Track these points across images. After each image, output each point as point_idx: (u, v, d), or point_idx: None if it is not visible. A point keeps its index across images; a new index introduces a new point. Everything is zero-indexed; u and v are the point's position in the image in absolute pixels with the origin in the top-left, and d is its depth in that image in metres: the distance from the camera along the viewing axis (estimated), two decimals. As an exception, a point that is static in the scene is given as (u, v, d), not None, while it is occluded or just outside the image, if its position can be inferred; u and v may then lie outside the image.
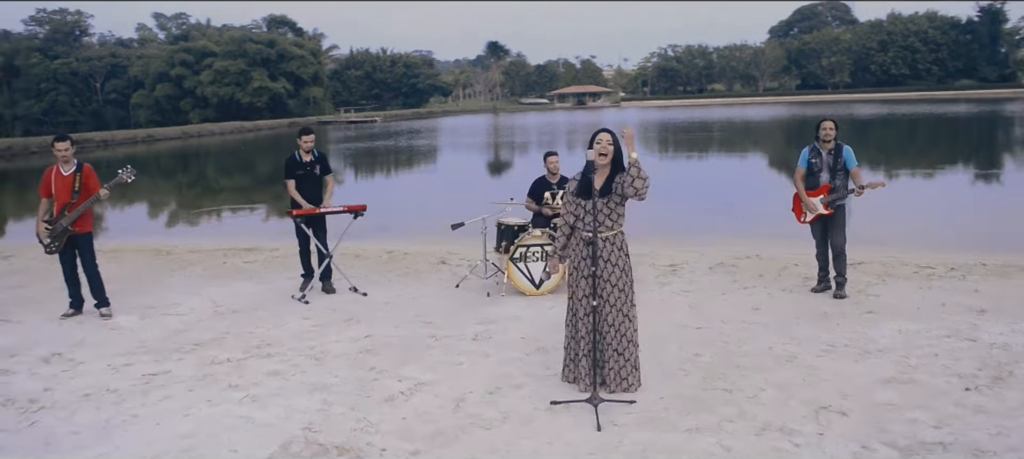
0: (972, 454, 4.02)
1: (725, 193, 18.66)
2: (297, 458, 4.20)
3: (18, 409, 5.06)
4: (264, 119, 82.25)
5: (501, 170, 28.34)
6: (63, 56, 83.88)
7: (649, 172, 4.94)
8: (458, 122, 77.94)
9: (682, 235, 12.52)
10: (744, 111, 73.10)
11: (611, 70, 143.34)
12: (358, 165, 32.55)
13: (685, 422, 4.59)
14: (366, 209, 8.48)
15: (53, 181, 7.42)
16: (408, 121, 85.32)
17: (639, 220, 14.45)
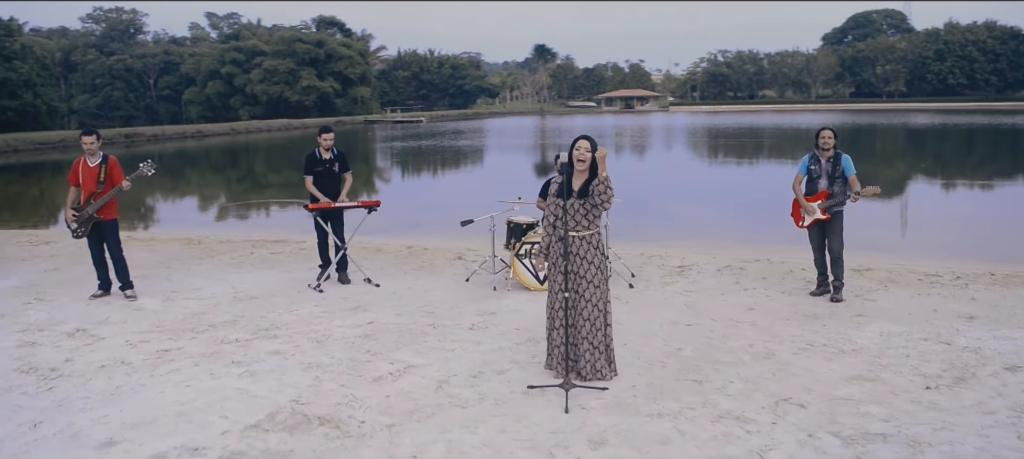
0: (909, 445, 4.22)
1: (758, 198, 18.69)
2: (281, 426, 4.56)
3: (39, 376, 5.53)
4: (312, 117, 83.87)
5: (546, 171, 28.51)
6: (118, 53, 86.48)
7: (615, 186, 5.24)
8: (504, 123, 78.45)
9: (703, 237, 12.70)
10: (795, 118, 72.16)
11: (660, 75, 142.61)
12: (399, 163, 33.15)
13: (649, 408, 4.85)
14: (380, 205, 8.86)
15: (80, 171, 7.92)
16: (454, 122, 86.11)
17: (661, 222, 14.69)
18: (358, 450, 4.24)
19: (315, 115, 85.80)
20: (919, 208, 17.07)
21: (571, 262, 5.36)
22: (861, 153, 33.36)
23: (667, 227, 14.44)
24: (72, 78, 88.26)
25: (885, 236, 12.90)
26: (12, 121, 46.39)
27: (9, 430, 4.53)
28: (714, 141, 42.59)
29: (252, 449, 4.23)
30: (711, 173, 26.37)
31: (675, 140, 44.53)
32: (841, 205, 7.82)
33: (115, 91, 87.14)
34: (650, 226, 14.36)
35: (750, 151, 35.33)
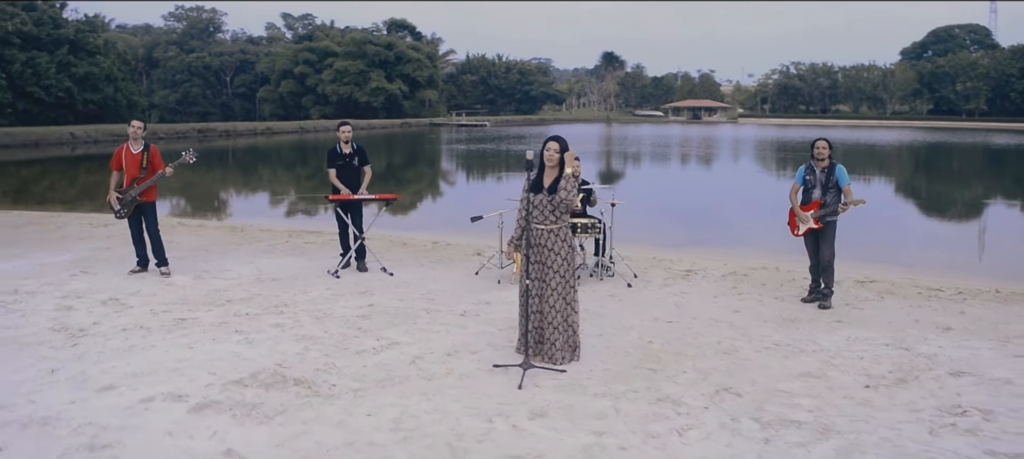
0: (819, 432, 4.55)
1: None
2: (260, 383, 5.15)
3: (68, 334, 6.26)
4: (379, 118, 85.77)
5: (612, 180, 28.72)
6: (197, 50, 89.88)
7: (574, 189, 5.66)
8: (569, 130, 78.77)
9: (730, 246, 12.93)
10: (870, 134, 70.59)
11: (730, 85, 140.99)
12: (461, 165, 33.89)
13: (596, 389, 5.27)
14: (397, 198, 9.44)
15: (123, 157, 8.70)
16: (518, 127, 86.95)
17: (703, 230, 14.93)
18: (321, 408, 4.79)
19: (383, 116, 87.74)
20: (979, 228, 16.91)
21: (539, 252, 5.82)
22: (935, 172, 32.76)
23: (709, 235, 14.66)
24: (154, 74, 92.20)
25: (913, 252, 12.92)
26: (94, 113, 48.97)
27: (30, 374, 5.22)
28: (781, 154, 42.18)
29: (228, 399, 4.82)
30: (766, 185, 26.29)
31: (740, 152, 44.23)
32: (833, 215, 8.06)
33: (193, 87, 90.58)
34: (687, 233, 14.64)
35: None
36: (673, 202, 20.59)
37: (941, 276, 10.29)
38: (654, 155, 39.45)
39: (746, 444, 4.37)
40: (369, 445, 4.25)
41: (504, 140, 55.30)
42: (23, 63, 44.99)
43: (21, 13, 45.58)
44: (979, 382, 5.49)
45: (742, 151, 45.34)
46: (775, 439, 4.44)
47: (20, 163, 32.72)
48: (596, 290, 8.49)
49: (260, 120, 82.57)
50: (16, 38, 44.91)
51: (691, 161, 36.55)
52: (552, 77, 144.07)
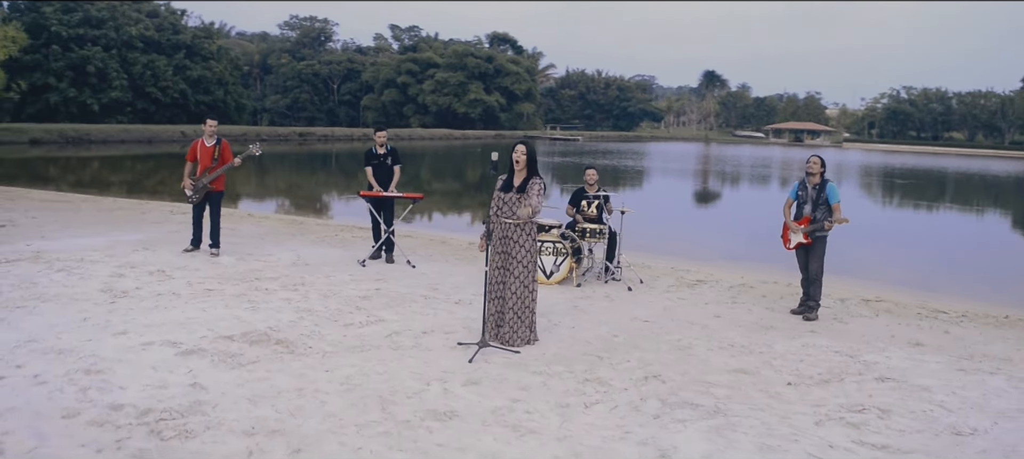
0: (709, 413, 5.07)
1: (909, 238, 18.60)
2: (246, 340, 6.06)
3: (111, 295, 7.36)
4: (476, 129, 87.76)
5: (708, 200, 28.59)
6: (308, 58, 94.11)
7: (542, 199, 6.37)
8: (665, 148, 78.49)
9: (776, 263, 13.19)
10: (986, 164, 67.51)
11: (836, 108, 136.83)
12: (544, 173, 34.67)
13: (536, 367, 5.93)
14: (423, 197, 10.30)
15: (198, 150, 9.87)
16: (613, 142, 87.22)
17: (753, 247, 15.08)
18: (289, 362, 5.64)
19: (480, 127, 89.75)
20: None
21: (504, 244, 6.52)
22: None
23: (765, 253, 14.92)
24: (267, 79, 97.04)
25: (973, 282, 12.89)
26: (205, 114, 52.18)
27: (66, 321, 6.30)
28: (887, 180, 41.09)
29: (213, 349, 5.75)
30: (866, 210, 25.94)
31: (842, 176, 43.27)
32: (823, 230, 8.41)
33: (302, 93, 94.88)
34: (744, 249, 14.97)
35: (917, 193, 34.01)
36: (750, 221, 20.63)
37: (968, 303, 10.28)
38: (751, 176, 39.09)
39: (636, 417, 4.95)
40: (313, 392, 5.05)
41: (595, 154, 55.84)
42: (144, 65, 48.71)
43: (145, 18, 49.37)
44: (898, 387, 5.86)
45: (844, 176, 44.33)
46: (664, 416, 5.00)
47: (135, 158, 35.51)
48: (595, 291, 9.09)
49: (364, 126, 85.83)
50: (139, 42, 48.68)
51: (788, 184, 36.04)
52: (652, 94, 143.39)
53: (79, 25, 46.59)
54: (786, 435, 4.75)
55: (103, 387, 4.80)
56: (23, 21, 44.15)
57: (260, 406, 4.73)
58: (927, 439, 4.76)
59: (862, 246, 16.23)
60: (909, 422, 5.06)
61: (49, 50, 45.29)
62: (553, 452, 4.33)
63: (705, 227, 19.72)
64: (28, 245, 9.91)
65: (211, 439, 4.18)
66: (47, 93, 45.66)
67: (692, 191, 31.54)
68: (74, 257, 9.14)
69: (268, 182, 27.41)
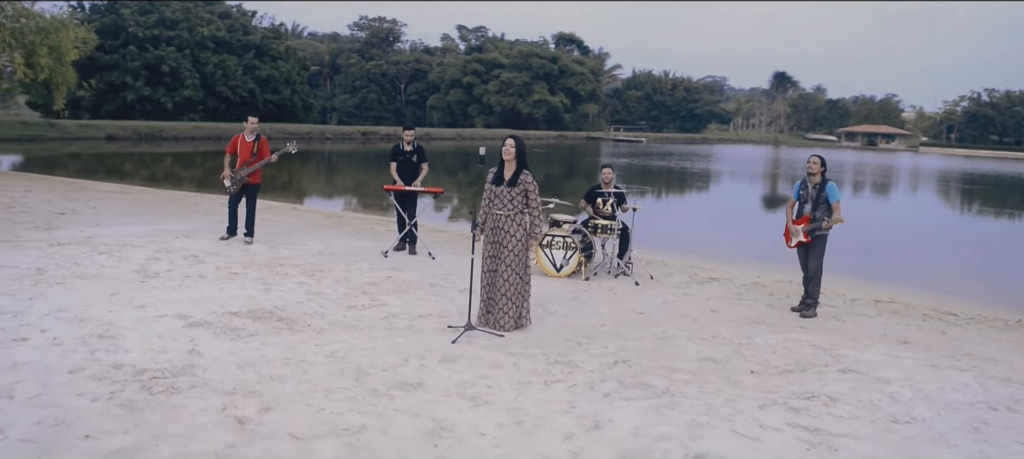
0: (658, 393, 5.40)
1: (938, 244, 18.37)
2: (250, 316, 6.64)
3: (143, 275, 8.07)
4: (540, 130, 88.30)
5: (775, 204, 28.17)
6: (376, 58, 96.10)
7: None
8: (731, 150, 77.59)
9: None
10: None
11: (912, 111, 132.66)
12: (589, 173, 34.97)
13: (514, 349, 6.33)
14: (442, 192, 10.83)
15: (238, 144, 10.58)
16: (677, 144, 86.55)
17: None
18: (285, 336, 6.19)
19: (544, 128, 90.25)
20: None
21: (496, 234, 6.96)
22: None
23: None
24: (337, 79, 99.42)
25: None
26: (272, 113, 54.22)
27: (97, 296, 7.00)
28: (960, 187, 39.90)
29: (218, 321, 6.34)
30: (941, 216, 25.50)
31: (919, 182, 42.24)
32: (821, 230, 8.58)
33: (370, 93, 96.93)
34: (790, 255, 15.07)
35: (992, 200, 33.05)
36: None
37: (993, 309, 10.18)
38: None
39: (588, 395, 5.32)
40: (298, 362, 5.58)
41: (656, 156, 55.72)
42: (215, 65, 50.82)
43: (217, 20, 51.47)
44: (858, 379, 6.07)
45: (920, 181, 43.28)
46: (614, 394, 5.35)
47: (203, 154, 37.08)
48: (601, 284, 9.43)
49: (429, 126, 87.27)
50: (210, 43, 50.80)
51: (863, 190, 35.37)
52: (722, 96, 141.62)
53: (154, 26, 48.95)
54: (723, 415, 5.05)
55: (111, 350, 5.43)
56: (103, 22, 46.74)
57: (246, 371, 5.28)
58: (861, 425, 5.00)
59: (915, 252, 16.15)
60: (852, 409, 5.30)
61: (126, 50, 47.71)
62: (498, 420, 4.75)
63: (748, 229, 19.73)
64: (82, 231, 10.77)
65: (193, 396, 4.73)
66: (124, 91, 48.09)
67: (749, 194, 31.33)
68: (119, 242, 9.94)
69: (321, 178, 28.41)
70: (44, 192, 15.24)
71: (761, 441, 4.58)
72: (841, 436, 4.77)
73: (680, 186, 32.98)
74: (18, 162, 26.96)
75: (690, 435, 4.61)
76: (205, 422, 4.36)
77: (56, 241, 9.75)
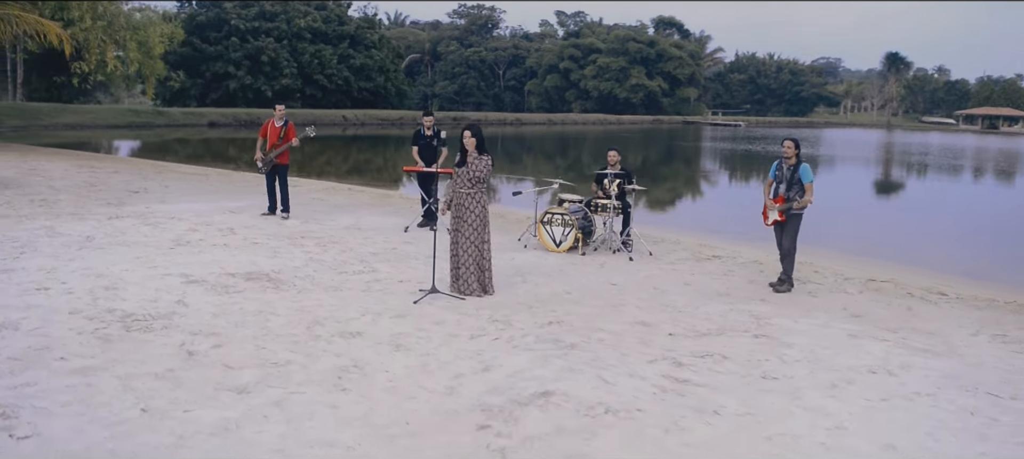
0: (566, 348, 6.08)
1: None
2: (244, 277, 7.70)
3: (176, 244, 9.30)
4: (637, 114, 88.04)
5: (890, 191, 27.50)
6: (475, 45, 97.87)
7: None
8: (838, 135, 75.03)
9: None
10: None
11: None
12: (676, 160, 35.14)
13: (466, 310, 7.12)
14: (456, 173, 11.71)
15: (268, 128, 11.78)
16: (780, 128, 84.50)
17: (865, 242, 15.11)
18: (268, 294, 7.20)
19: (641, 112, 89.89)
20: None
21: (458, 210, 7.79)
22: None
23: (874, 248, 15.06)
24: (437, 66, 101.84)
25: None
26: (366, 100, 56.55)
27: (123, 259, 8.25)
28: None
29: (214, 281, 7.44)
30: None
31: None
32: (793, 209, 8.97)
33: (469, 80, 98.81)
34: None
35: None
36: (908, 216, 20.11)
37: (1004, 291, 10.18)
38: (942, 168, 36.92)
39: (500, 346, 6.06)
40: (268, 314, 6.57)
41: (747, 140, 54.83)
42: (311, 55, 53.51)
43: (313, 12, 54.10)
44: (764, 343, 6.47)
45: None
46: (521, 347, 6.05)
47: (302, 140, 39.20)
48: (595, 259, 10.05)
49: (528, 111, 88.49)
50: (307, 33, 53.52)
51: (983, 176, 33.93)
52: (836, 78, 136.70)
53: (255, 18, 52.06)
54: (602, 365, 5.64)
55: (111, 298, 6.58)
56: (207, 16, 50.18)
57: (218, 319, 6.31)
58: (731, 379, 5.55)
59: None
60: (736, 367, 5.83)
61: (229, 42, 50.92)
62: (408, 362, 5.58)
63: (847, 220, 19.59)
64: (145, 207, 12.22)
65: (162, 334, 5.79)
66: (227, 80, 51.38)
67: (832, 179, 30.80)
68: (168, 216, 11.30)
69: (388, 161, 29.76)
70: (128, 173, 17.02)
71: (615, 385, 5.23)
72: (702, 386, 5.36)
73: (747, 169, 32.69)
74: (119, 146, 29.61)
75: (557, 378, 5.32)
76: (161, 353, 5.40)
77: (115, 215, 11.19)
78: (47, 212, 11.12)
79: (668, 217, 17.65)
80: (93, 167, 17.77)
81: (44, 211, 11.21)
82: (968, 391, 5.53)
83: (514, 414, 4.63)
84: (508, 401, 4.84)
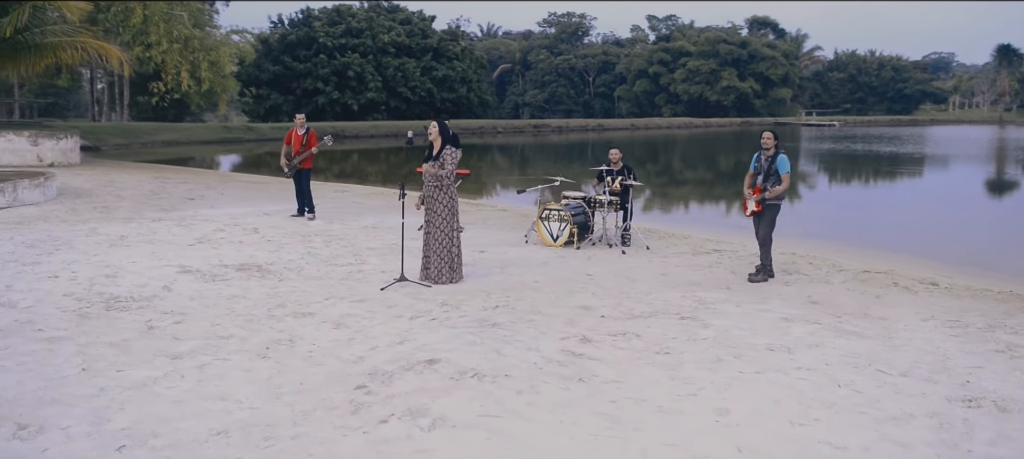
0: (490, 326, 6.60)
1: None
2: (237, 268, 8.55)
3: (198, 242, 10.29)
4: (729, 117, 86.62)
5: (1004, 191, 26.34)
6: (565, 53, 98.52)
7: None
8: (942, 132, 71.65)
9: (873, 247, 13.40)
10: None
11: None
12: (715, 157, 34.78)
13: (427, 296, 7.72)
14: (469, 173, 12.36)
15: (292, 136, 12.76)
16: (879, 127, 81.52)
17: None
18: (250, 283, 8.01)
19: (733, 115, 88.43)
20: None
21: (428, 202, 8.42)
22: None
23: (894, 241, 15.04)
24: (528, 75, 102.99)
25: None
26: (450, 110, 57.96)
27: (141, 254, 9.24)
28: None
29: (207, 270, 8.32)
30: None
31: None
32: (768, 200, 9.19)
33: (559, 87, 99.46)
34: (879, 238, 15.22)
35: None
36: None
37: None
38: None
39: (432, 326, 6.64)
40: (239, 298, 7.35)
41: (839, 140, 53.28)
42: (395, 68, 55.50)
43: (397, 26, 56.11)
44: (684, 323, 6.77)
45: None
46: (447, 326, 6.60)
47: (388, 150, 40.81)
48: (586, 252, 10.49)
49: (618, 117, 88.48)
50: (391, 48, 55.51)
51: None
52: (946, 74, 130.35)
53: (342, 35, 54.44)
54: (511, 341, 6.09)
55: (107, 285, 7.54)
56: (298, 35, 52.87)
57: (193, 301, 7.15)
58: (627, 354, 5.92)
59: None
60: (639, 344, 6.17)
61: (317, 59, 53.44)
62: (337, 337, 6.23)
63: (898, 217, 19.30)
64: (193, 212, 13.39)
65: (135, 313, 6.66)
66: (316, 96, 53.88)
67: (905, 181, 29.88)
68: (206, 219, 12.41)
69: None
70: (194, 183, 18.45)
71: (504, 357, 5.72)
72: (593, 360, 5.75)
73: (847, 170, 32.00)
74: (204, 159, 31.68)
75: (454, 349, 5.87)
76: (125, 327, 6.25)
77: (159, 218, 12.36)
78: (101, 217, 12.39)
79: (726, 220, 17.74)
80: (166, 178, 19.32)
81: (100, 216, 12.49)
82: (857, 368, 5.73)
83: (392, 377, 5.21)
84: (398, 367, 5.42)
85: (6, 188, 12.89)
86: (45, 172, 14.82)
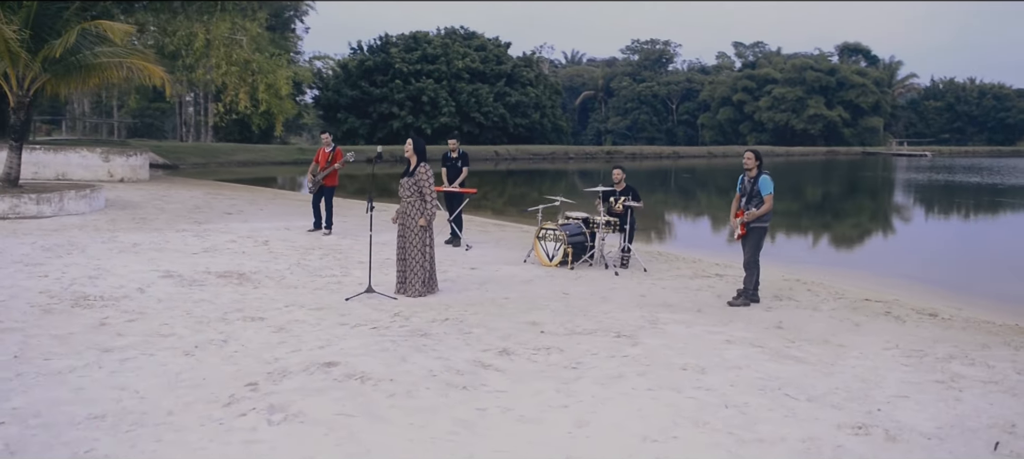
0: (418, 334, 6.76)
1: None
2: (221, 275, 8.97)
3: (205, 252, 10.80)
4: (816, 145, 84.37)
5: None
6: (648, 80, 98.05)
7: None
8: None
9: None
10: None
11: None
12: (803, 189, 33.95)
13: (387, 308, 7.93)
14: (475, 192, 12.59)
15: (320, 154, 13.27)
16: (975, 158, 77.93)
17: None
18: (225, 288, 8.40)
19: (820, 144, 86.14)
20: None
21: (403, 217, 8.66)
22: None
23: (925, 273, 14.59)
24: (610, 102, 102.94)
25: None
26: (522, 135, 58.62)
27: (138, 260, 9.78)
28: None
29: (189, 276, 8.77)
30: None
31: None
32: (751, 222, 9.06)
33: (642, 114, 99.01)
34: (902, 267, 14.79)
35: None
36: None
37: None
38: None
39: (366, 332, 6.84)
40: (206, 302, 7.74)
41: (924, 170, 51.21)
42: (469, 94, 56.49)
43: (473, 53, 57.18)
44: (618, 341, 6.73)
45: None
46: (385, 335, 6.78)
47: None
48: (579, 272, 10.52)
49: (701, 145, 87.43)
50: (466, 73, 56.52)
51: None
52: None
53: (417, 61, 55.82)
54: (426, 350, 6.23)
55: (85, 284, 8.05)
56: (375, 61, 54.56)
57: (160, 303, 7.57)
58: (536, 367, 5.91)
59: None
60: (555, 358, 6.14)
61: (393, 84, 54.93)
62: (267, 339, 6.50)
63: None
64: (223, 225, 14.03)
65: (96, 310, 7.11)
66: (391, 120, 55.30)
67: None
68: (225, 231, 13.00)
69: (507, 190, 30.88)
70: (239, 198, 19.27)
71: (407, 362, 5.88)
72: (498, 371, 5.80)
73: (938, 203, 30.81)
74: (268, 179, 32.94)
75: (361, 354, 6.07)
76: (78, 323, 6.69)
77: (185, 229, 13.02)
78: (134, 227, 13.15)
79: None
80: (215, 193, 20.25)
81: (134, 226, 13.26)
82: (763, 391, 5.58)
83: (285, 377, 5.43)
84: (299, 369, 5.64)
85: (53, 198, 13.83)
86: (93, 185, 15.77)
